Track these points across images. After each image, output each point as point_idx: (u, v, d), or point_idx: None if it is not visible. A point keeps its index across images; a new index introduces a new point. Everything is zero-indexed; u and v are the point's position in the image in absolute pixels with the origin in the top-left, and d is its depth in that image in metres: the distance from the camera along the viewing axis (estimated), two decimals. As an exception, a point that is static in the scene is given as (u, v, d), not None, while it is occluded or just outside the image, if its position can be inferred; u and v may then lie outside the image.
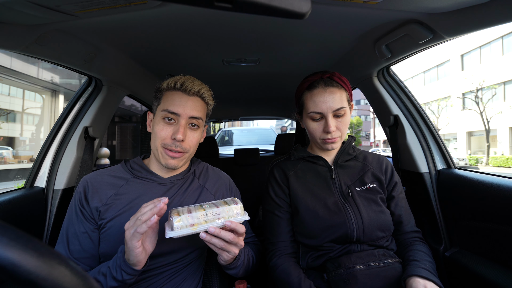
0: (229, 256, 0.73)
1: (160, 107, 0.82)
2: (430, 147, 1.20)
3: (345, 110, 0.90)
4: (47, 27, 0.78)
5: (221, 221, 0.68)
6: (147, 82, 1.47)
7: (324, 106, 0.89)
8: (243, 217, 0.71)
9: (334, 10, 0.81)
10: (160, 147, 0.81)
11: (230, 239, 0.68)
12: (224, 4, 0.30)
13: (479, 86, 17.32)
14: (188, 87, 0.81)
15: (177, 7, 0.78)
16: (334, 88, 0.90)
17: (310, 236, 0.89)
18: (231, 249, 0.70)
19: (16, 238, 0.29)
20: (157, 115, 0.83)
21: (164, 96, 0.83)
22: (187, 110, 0.80)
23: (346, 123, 0.93)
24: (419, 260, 0.83)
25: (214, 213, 0.68)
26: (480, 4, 0.67)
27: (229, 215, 0.69)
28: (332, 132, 0.89)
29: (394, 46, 1.00)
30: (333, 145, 0.93)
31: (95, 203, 0.78)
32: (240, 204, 0.72)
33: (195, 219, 0.66)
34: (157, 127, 0.81)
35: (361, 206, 0.89)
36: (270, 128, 5.50)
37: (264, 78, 1.66)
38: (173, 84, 0.82)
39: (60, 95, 9.79)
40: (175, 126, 0.81)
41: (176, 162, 0.82)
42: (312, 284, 0.83)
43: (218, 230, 0.67)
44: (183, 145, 0.81)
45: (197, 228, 0.66)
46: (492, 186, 0.92)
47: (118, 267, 0.65)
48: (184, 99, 0.81)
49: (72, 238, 0.77)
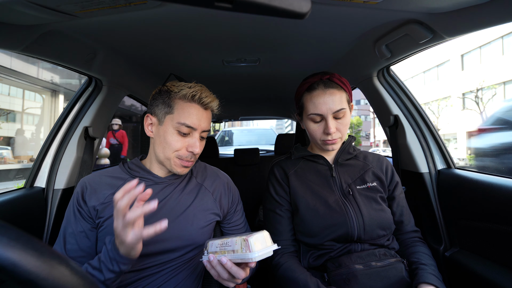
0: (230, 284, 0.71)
1: (174, 118, 0.79)
2: (430, 147, 1.20)
3: (344, 111, 0.90)
4: (47, 27, 0.78)
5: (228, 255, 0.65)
6: (147, 82, 1.47)
7: (324, 108, 0.88)
8: (247, 254, 0.61)
9: (334, 10, 0.81)
10: (175, 157, 0.81)
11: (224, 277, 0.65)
12: (224, 4, 0.30)
13: (479, 86, 17.31)
14: (205, 102, 0.82)
15: (177, 7, 0.78)
16: (334, 89, 0.90)
17: (311, 234, 0.89)
18: (224, 283, 0.68)
19: (16, 238, 0.29)
20: (167, 124, 0.80)
21: (179, 106, 0.80)
22: (202, 124, 0.82)
23: (346, 124, 0.93)
24: (427, 264, 0.84)
25: (227, 243, 0.66)
26: (480, 4, 0.67)
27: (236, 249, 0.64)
28: (332, 133, 0.89)
29: (394, 46, 1.00)
30: (333, 146, 0.93)
31: (92, 203, 0.78)
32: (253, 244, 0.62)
33: (214, 247, 0.68)
34: (170, 138, 0.80)
35: (361, 205, 0.89)
36: (270, 128, 5.50)
37: (264, 78, 1.66)
38: (190, 97, 0.80)
39: (60, 95, 9.79)
40: (190, 139, 0.82)
41: (187, 170, 0.85)
42: (319, 282, 0.82)
43: (216, 262, 0.65)
44: (196, 156, 0.84)
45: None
46: (492, 186, 0.92)
47: (113, 260, 0.64)
48: (201, 113, 0.82)
49: (69, 238, 0.77)
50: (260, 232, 0.66)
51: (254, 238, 0.62)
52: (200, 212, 0.86)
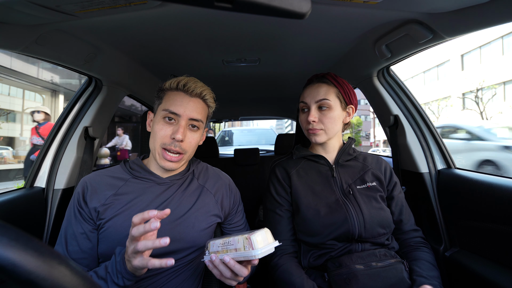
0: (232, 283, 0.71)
1: (161, 107, 0.82)
2: (430, 147, 1.20)
3: (329, 103, 0.93)
4: (47, 27, 0.78)
5: (230, 254, 0.65)
6: (147, 82, 1.47)
7: (309, 97, 0.96)
8: (248, 252, 0.63)
9: (334, 10, 0.81)
10: (159, 147, 0.81)
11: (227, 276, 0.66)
12: (224, 4, 0.30)
13: (479, 86, 17.32)
14: (190, 88, 0.81)
15: (177, 7, 0.78)
16: (323, 84, 0.96)
17: (312, 234, 0.89)
18: (227, 282, 0.69)
19: (16, 238, 0.29)
20: (157, 114, 0.83)
21: (166, 95, 0.83)
22: (187, 111, 0.81)
23: (330, 117, 0.94)
24: (427, 277, 0.82)
25: (229, 242, 0.66)
26: (480, 4, 0.67)
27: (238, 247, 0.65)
28: (312, 122, 0.93)
29: (394, 46, 1.00)
30: (315, 137, 0.96)
31: (93, 204, 0.78)
32: (255, 242, 0.63)
33: (216, 247, 0.69)
34: (157, 126, 0.81)
35: (362, 203, 0.90)
36: (270, 128, 5.50)
37: (264, 78, 1.66)
38: (175, 85, 0.82)
39: (60, 95, 9.79)
40: (174, 126, 0.81)
41: (173, 164, 0.82)
42: (315, 285, 0.83)
43: (219, 261, 0.65)
44: (182, 146, 0.81)
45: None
46: (492, 186, 0.92)
47: (119, 273, 0.64)
48: (186, 100, 0.81)
49: (70, 239, 0.77)
50: (261, 229, 0.67)
51: (256, 235, 0.63)
52: (201, 214, 0.85)
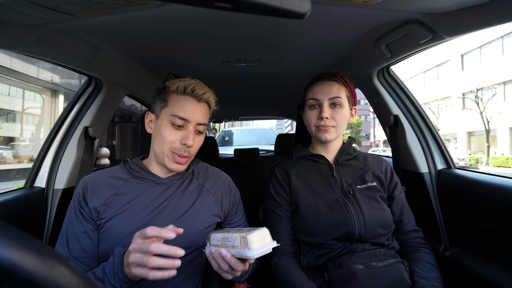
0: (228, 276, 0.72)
1: (168, 111, 0.81)
2: (430, 147, 1.20)
3: (341, 101, 0.94)
4: (47, 27, 0.78)
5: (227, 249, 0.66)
6: (147, 82, 1.47)
7: (321, 94, 0.94)
8: (245, 251, 0.62)
9: (334, 10, 0.81)
10: (169, 151, 0.81)
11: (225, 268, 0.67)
12: (224, 4, 0.30)
13: (479, 86, 17.32)
14: (198, 93, 0.82)
15: (177, 7, 0.78)
16: (334, 82, 0.96)
17: (312, 233, 0.89)
18: (224, 275, 0.69)
19: (16, 238, 0.29)
20: (163, 118, 0.82)
21: (172, 99, 0.82)
22: (196, 116, 0.82)
23: (343, 115, 0.94)
24: (428, 279, 0.82)
25: (228, 238, 0.67)
26: (480, 4, 0.67)
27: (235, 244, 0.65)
28: (325, 118, 0.92)
29: (394, 46, 1.00)
30: (326, 135, 0.94)
31: (94, 204, 0.78)
32: (252, 240, 0.63)
33: (216, 241, 0.70)
34: (165, 130, 0.81)
35: (362, 203, 0.89)
36: (270, 128, 5.50)
37: (264, 78, 1.66)
38: (183, 89, 0.81)
39: (60, 95, 9.79)
40: (184, 132, 0.81)
41: (181, 167, 0.84)
42: (315, 286, 0.82)
43: (217, 253, 0.66)
44: (191, 150, 0.83)
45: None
46: (492, 186, 0.92)
47: (116, 275, 0.64)
48: (194, 105, 0.82)
49: (72, 238, 0.77)
50: (259, 229, 0.66)
51: (252, 236, 0.62)
52: (201, 214, 0.86)
